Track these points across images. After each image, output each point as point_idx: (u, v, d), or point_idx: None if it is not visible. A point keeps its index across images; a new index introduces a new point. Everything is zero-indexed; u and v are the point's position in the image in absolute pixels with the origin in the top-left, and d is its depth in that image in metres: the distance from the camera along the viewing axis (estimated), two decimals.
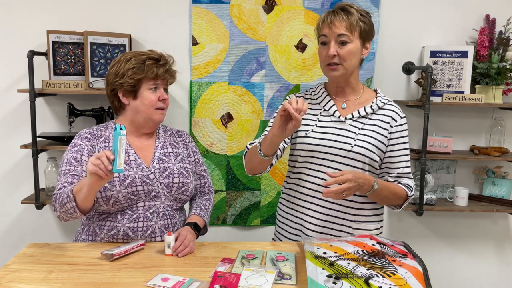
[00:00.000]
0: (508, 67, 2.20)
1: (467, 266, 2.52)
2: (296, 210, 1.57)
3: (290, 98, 1.37)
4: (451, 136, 2.27)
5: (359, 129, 1.47)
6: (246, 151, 1.54)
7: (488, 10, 2.28)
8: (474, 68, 2.24)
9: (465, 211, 2.27)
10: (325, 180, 1.45)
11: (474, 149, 2.30)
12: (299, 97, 1.56)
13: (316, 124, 1.52)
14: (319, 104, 1.56)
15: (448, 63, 2.24)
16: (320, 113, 1.54)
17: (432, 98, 2.20)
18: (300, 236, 1.57)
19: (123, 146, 1.21)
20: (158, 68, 1.52)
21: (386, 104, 1.52)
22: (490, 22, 2.25)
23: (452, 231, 2.50)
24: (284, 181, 1.65)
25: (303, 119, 1.54)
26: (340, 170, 1.46)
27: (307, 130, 1.52)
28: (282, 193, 1.67)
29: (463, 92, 2.24)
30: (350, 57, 1.44)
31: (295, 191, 1.58)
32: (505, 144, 2.37)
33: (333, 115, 1.51)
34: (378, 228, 1.57)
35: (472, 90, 2.30)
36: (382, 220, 1.60)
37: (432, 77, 2.21)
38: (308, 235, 1.53)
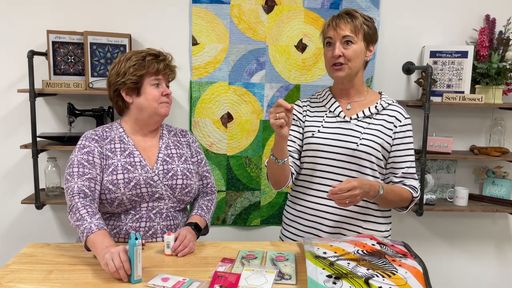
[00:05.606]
0: (508, 67, 2.20)
1: (467, 266, 2.52)
2: (310, 208, 1.57)
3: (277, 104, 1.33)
4: (451, 136, 2.27)
5: (364, 128, 1.50)
6: (266, 169, 1.55)
7: (488, 10, 2.28)
8: (474, 68, 2.24)
9: (465, 211, 2.27)
10: (333, 179, 1.52)
11: (474, 149, 2.30)
12: (305, 101, 1.64)
13: (322, 125, 1.55)
14: (324, 106, 1.59)
15: (448, 63, 2.24)
16: (326, 114, 1.57)
17: (432, 98, 2.20)
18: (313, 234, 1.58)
19: (139, 256, 1.19)
20: (158, 63, 1.54)
21: (390, 104, 1.56)
22: (490, 22, 2.24)
23: (452, 231, 2.50)
24: (292, 183, 1.65)
25: (308, 121, 1.59)
26: (346, 169, 1.50)
27: (314, 131, 1.55)
28: (290, 195, 1.67)
29: (463, 92, 2.24)
30: (355, 57, 1.48)
31: (304, 194, 1.59)
32: (505, 144, 2.37)
33: (338, 115, 1.55)
34: (388, 230, 1.59)
35: (472, 90, 2.30)
36: (391, 223, 1.62)
37: (432, 77, 2.21)
38: (324, 231, 1.54)
